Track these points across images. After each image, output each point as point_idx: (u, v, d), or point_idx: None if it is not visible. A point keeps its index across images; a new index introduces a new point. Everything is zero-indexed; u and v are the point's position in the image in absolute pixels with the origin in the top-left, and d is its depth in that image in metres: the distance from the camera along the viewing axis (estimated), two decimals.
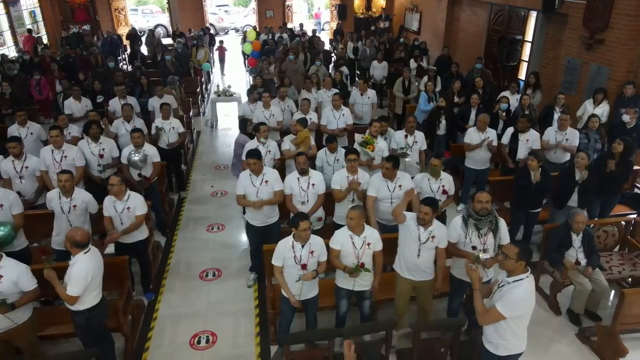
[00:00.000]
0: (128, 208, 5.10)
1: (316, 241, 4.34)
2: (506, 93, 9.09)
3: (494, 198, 6.55)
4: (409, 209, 4.98)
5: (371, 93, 8.98)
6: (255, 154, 5.32)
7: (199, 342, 5.01)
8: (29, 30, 16.81)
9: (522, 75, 11.46)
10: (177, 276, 6.08)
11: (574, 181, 5.81)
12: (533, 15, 10.91)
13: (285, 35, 16.07)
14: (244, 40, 15.12)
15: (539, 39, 10.73)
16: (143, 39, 17.73)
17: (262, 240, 5.46)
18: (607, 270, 5.34)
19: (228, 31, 26.42)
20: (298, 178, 5.47)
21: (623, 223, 5.75)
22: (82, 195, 5.14)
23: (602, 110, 8.26)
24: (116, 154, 6.48)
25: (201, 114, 12.32)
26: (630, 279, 5.57)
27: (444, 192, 5.49)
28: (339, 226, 5.27)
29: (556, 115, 8.13)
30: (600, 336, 4.73)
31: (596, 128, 7.07)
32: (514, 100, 8.83)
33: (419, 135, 6.78)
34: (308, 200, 5.47)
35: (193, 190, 8.40)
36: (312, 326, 4.73)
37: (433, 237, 4.40)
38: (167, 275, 6.11)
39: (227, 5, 31.33)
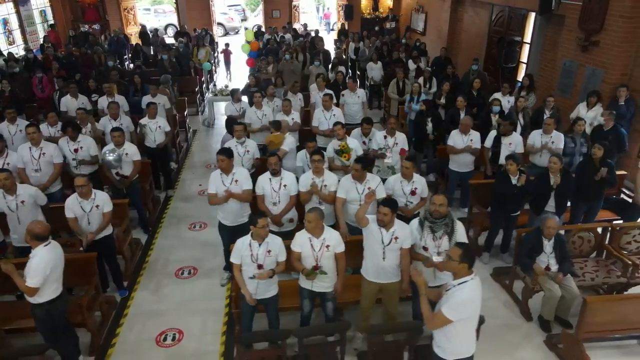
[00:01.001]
0: (97, 206, 5.17)
1: (274, 241, 4.35)
2: (498, 95, 8.99)
3: (475, 201, 6.53)
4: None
5: (360, 92, 8.95)
6: (224, 151, 5.36)
7: (165, 339, 5.05)
8: (52, 26, 17.61)
9: (521, 77, 11.31)
10: (153, 274, 6.15)
11: (549, 186, 5.72)
12: (532, 16, 10.76)
13: (288, 36, 16.10)
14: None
15: (537, 41, 10.58)
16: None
17: (235, 239, 5.47)
18: (579, 277, 5.25)
19: (238, 31, 26.56)
20: (270, 179, 5.48)
21: (600, 229, 5.62)
22: (27, 190, 5.22)
23: (595, 113, 8.09)
24: (94, 152, 6.57)
25: (199, 113, 12.41)
26: (605, 286, 5.44)
27: (412, 192, 5.44)
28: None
29: (546, 117, 8.05)
30: (565, 344, 4.64)
31: (582, 132, 6.95)
32: (505, 102, 8.72)
33: (400, 137, 6.73)
34: (279, 201, 5.47)
35: (181, 188, 8.47)
36: (274, 326, 4.73)
37: (396, 238, 4.38)
38: (143, 272, 6.17)
39: (238, 5, 31.58)
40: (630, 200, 6.73)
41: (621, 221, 6.37)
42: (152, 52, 15.55)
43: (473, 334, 3.60)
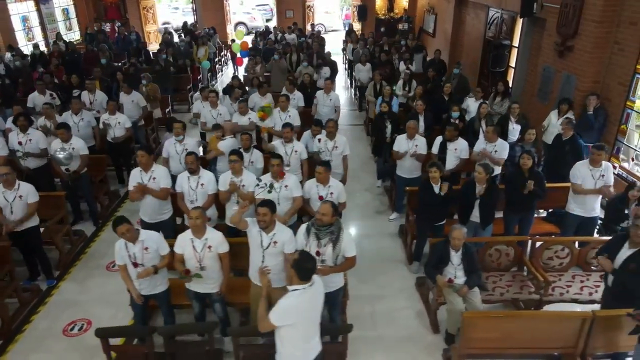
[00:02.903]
0: (20, 197, 5.40)
1: (151, 237, 4.42)
2: (471, 100, 8.77)
3: (410, 208, 6.41)
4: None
5: (334, 96, 8.94)
6: (144, 147, 5.52)
7: (72, 329, 5.23)
8: (113, 21, 18.86)
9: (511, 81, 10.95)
10: (86, 265, 6.36)
11: (474, 195, 5.54)
12: (521, 20, 10.39)
13: (292, 36, 16.17)
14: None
15: (524, 45, 10.22)
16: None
17: None
18: (489, 291, 5.06)
19: None
20: (188, 177, 5.58)
21: (522, 243, 5.40)
22: None
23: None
24: (43, 145, 6.84)
25: (190, 111, 12.66)
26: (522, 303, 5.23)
27: (320, 198, 5.40)
28: (231, 228, 5.38)
29: (511, 126, 7.79)
30: (455, 359, 4.50)
31: (532, 141, 6.69)
32: (476, 107, 8.47)
33: (340, 140, 6.68)
34: (197, 199, 5.56)
35: None
36: (168, 321, 4.83)
37: (275, 242, 4.37)
38: (78, 263, 6.40)
39: (266, 4, 31.90)
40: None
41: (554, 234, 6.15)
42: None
43: (304, 343, 3.54)
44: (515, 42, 10.69)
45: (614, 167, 7.45)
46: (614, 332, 4.20)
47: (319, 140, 6.66)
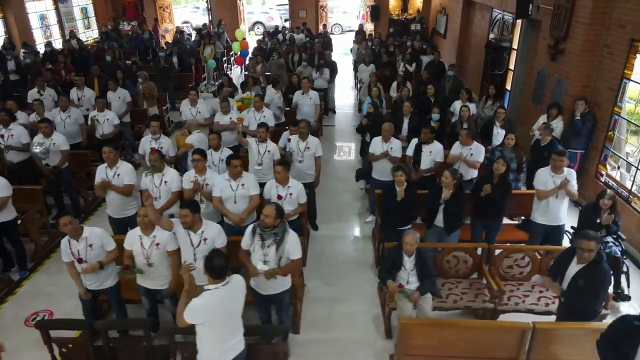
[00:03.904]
0: None
1: (95, 234, 4.51)
2: (458, 102, 8.62)
3: (379, 212, 6.36)
4: None
5: (313, 94, 8.93)
6: (110, 144, 5.65)
7: (34, 319, 5.37)
8: (156, 20, 19.72)
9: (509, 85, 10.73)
10: (60, 258, 6.49)
11: (439, 200, 5.45)
12: (520, 21, 10.15)
13: (300, 36, 16.20)
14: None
15: (522, 47, 9.99)
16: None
17: (123, 231, 5.71)
18: (442, 298, 4.98)
19: None
20: (153, 175, 5.67)
21: (479, 250, 5.28)
22: None
23: (556, 126, 7.58)
24: (25, 140, 7.04)
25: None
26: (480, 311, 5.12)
27: (279, 197, 5.41)
28: (231, 227, 5.44)
29: (496, 130, 7.64)
30: None
31: (512, 146, 6.53)
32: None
33: (313, 141, 6.67)
34: (160, 197, 5.64)
35: None
36: (120, 316, 4.93)
37: (205, 239, 4.41)
38: (53, 256, 6.57)
39: (286, 4, 32.01)
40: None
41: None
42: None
43: (224, 343, 3.55)
44: (515, 45, 10.46)
45: (600, 175, 7.26)
46: (556, 344, 4.07)
47: (289, 140, 6.66)
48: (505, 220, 6.89)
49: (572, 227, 5.91)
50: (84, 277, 4.54)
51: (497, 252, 5.24)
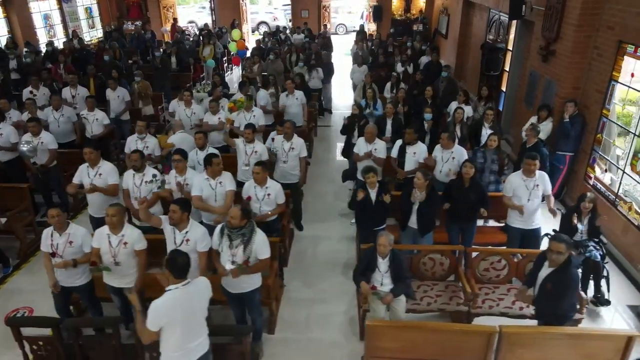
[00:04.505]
0: None
1: (77, 232, 4.56)
2: (454, 104, 8.56)
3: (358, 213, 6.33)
4: None
5: (299, 94, 8.94)
6: (90, 144, 5.70)
7: (14, 316, 5.43)
8: (175, 19, 19.98)
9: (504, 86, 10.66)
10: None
11: (411, 202, 5.43)
12: (515, 22, 10.08)
13: (300, 36, 16.22)
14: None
15: (517, 48, 9.91)
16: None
17: None
18: (416, 300, 4.96)
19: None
20: (133, 174, 5.71)
21: (456, 252, 5.25)
22: None
23: (545, 127, 7.54)
24: (14, 140, 7.12)
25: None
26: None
27: (248, 198, 5.44)
28: None
29: (485, 132, 7.58)
30: None
31: (494, 147, 6.48)
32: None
33: (297, 142, 6.68)
34: (141, 196, 5.67)
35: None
36: (94, 314, 4.97)
37: (187, 240, 4.44)
38: (38, 253, 6.61)
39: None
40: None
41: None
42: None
43: (187, 344, 3.54)
44: (511, 46, 10.39)
45: (589, 178, 7.19)
46: (523, 348, 4.04)
47: (272, 139, 6.68)
48: (492, 223, 6.92)
49: (554, 230, 5.85)
50: (56, 271, 4.58)
51: (474, 254, 5.21)
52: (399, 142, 6.77)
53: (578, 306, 4.76)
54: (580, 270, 5.43)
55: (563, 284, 4.00)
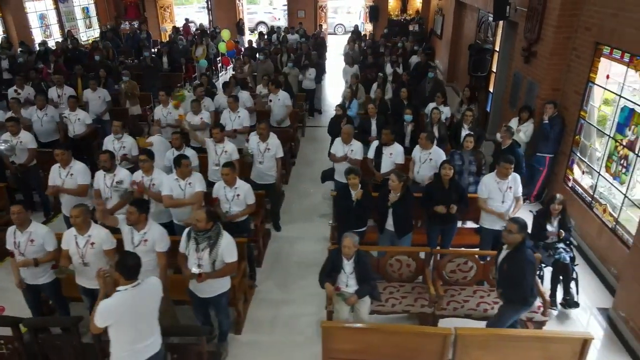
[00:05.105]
0: None
1: (39, 231, 4.58)
2: (432, 104, 8.56)
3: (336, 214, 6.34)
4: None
5: (282, 95, 8.94)
6: (61, 145, 5.77)
7: None
8: (187, 20, 20.34)
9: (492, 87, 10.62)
10: None
11: (387, 204, 5.43)
12: (502, 23, 10.04)
13: (294, 36, 16.23)
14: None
15: (504, 49, 9.87)
16: None
17: None
18: (381, 302, 4.95)
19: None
20: (104, 175, 5.74)
21: (422, 254, 5.24)
22: None
23: (526, 129, 7.53)
24: None
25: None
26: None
27: (215, 199, 5.46)
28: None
29: (464, 133, 7.56)
30: None
31: (471, 149, 6.47)
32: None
33: (273, 143, 6.69)
34: (112, 197, 5.71)
35: None
36: (60, 312, 5.01)
37: (146, 240, 4.45)
38: None
39: None
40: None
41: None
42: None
43: (135, 345, 3.55)
44: (497, 47, 10.35)
45: (568, 180, 7.16)
46: (480, 351, 4.03)
47: (247, 140, 6.69)
48: (470, 224, 6.89)
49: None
50: (22, 268, 4.61)
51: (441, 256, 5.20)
52: (375, 143, 6.77)
53: (541, 308, 4.76)
54: (550, 271, 5.44)
55: (517, 265, 4.13)
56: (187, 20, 20.40)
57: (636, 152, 5.58)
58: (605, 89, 6.31)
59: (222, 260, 4.42)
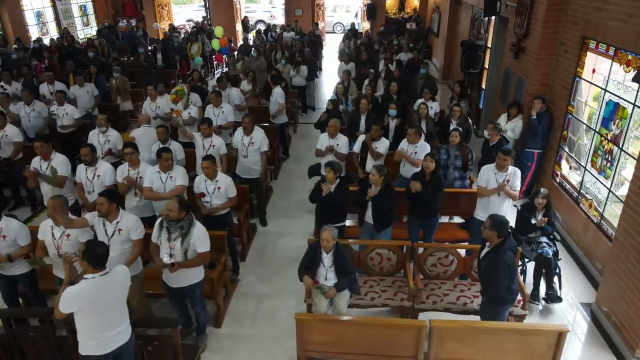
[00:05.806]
0: None
1: (10, 227, 4.55)
2: (420, 100, 8.51)
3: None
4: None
5: (276, 91, 8.92)
6: (41, 138, 5.76)
7: None
8: (204, 18, 20.63)
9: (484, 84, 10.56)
10: None
11: (365, 197, 5.39)
12: (494, 19, 9.99)
13: (290, 34, 16.20)
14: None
15: (496, 46, 9.82)
16: None
17: None
18: (360, 295, 4.92)
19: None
20: (86, 168, 5.73)
21: (404, 248, 5.19)
22: None
23: (515, 125, 7.48)
24: None
25: None
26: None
27: (201, 195, 5.44)
28: (208, 220, 5.42)
29: (452, 128, 7.51)
30: None
31: (457, 143, 6.42)
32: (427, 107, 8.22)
33: (257, 136, 6.66)
34: (94, 190, 5.68)
35: None
36: (36, 304, 5.00)
37: (120, 230, 4.43)
38: None
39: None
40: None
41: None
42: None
43: (102, 333, 3.53)
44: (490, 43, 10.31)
45: (556, 175, 7.11)
46: (455, 343, 4.00)
47: (230, 134, 6.67)
48: (456, 220, 6.86)
49: (510, 228, 5.77)
50: None
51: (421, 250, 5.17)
52: (362, 138, 6.74)
53: (521, 302, 4.72)
54: (533, 265, 5.40)
55: (492, 264, 4.10)
56: (203, 18, 20.53)
57: (620, 147, 5.53)
58: (591, 83, 6.26)
59: (194, 250, 4.40)
